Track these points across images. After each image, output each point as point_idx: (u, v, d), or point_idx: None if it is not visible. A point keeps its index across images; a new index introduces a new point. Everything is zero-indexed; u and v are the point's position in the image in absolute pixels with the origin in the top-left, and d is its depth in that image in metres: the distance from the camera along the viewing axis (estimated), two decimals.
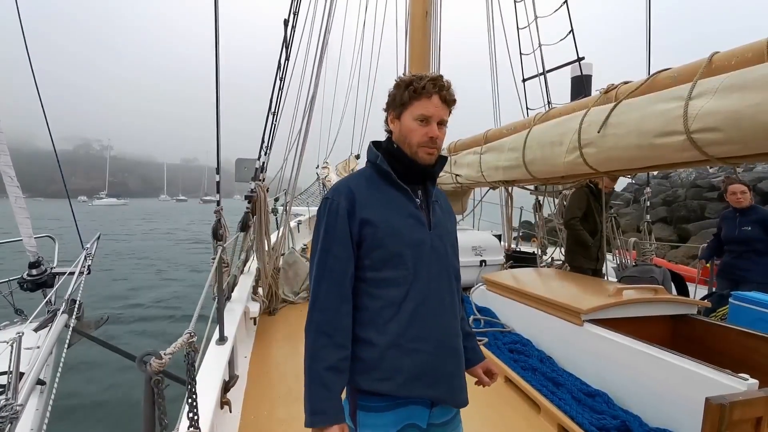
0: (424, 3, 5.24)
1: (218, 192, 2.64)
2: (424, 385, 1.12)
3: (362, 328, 1.14)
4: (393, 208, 1.16)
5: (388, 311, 1.12)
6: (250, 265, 4.20)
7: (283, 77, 4.25)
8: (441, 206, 1.27)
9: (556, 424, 2.12)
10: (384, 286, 1.13)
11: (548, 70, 5.63)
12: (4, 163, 2.57)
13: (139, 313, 8.84)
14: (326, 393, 1.06)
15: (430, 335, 1.13)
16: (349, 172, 10.31)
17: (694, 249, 9.89)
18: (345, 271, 1.12)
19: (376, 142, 1.27)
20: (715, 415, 1.22)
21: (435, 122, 1.15)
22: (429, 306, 1.14)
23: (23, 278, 2.86)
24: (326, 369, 1.07)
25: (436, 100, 1.14)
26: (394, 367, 1.11)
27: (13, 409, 1.26)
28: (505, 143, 3.49)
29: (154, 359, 1.23)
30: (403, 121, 1.17)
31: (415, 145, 1.15)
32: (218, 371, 2.12)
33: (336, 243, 1.12)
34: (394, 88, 1.19)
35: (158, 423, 1.23)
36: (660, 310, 2.58)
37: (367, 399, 1.14)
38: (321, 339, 1.09)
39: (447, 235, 1.23)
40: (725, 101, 1.71)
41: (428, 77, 1.14)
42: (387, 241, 1.12)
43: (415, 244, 1.14)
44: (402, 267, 1.13)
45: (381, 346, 1.11)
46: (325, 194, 1.25)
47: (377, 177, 1.20)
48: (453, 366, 1.18)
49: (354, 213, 1.12)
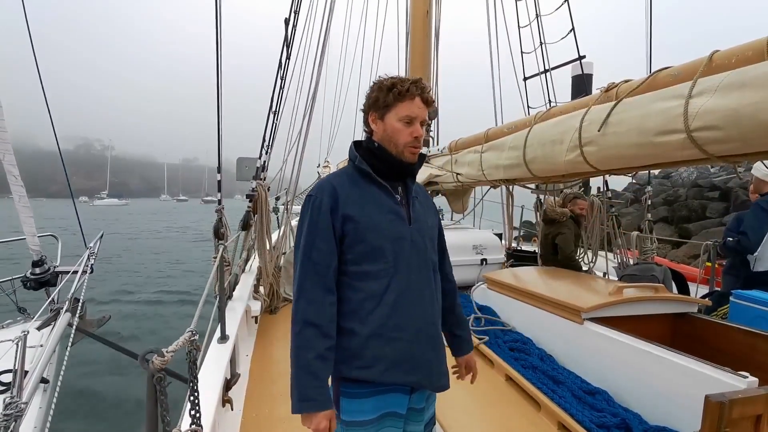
0: (424, 2, 5.24)
1: (219, 191, 2.66)
2: (403, 371, 1.19)
3: (345, 319, 1.19)
4: (374, 204, 1.21)
5: (370, 303, 1.18)
6: (251, 264, 4.21)
7: (284, 76, 4.25)
8: (421, 202, 1.32)
9: (556, 421, 2.12)
10: (366, 279, 1.19)
11: (550, 69, 5.63)
12: (9, 162, 2.59)
13: (142, 310, 8.87)
14: (314, 381, 1.11)
15: (409, 325, 1.20)
16: None
17: (696, 249, 9.89)
18: (328, 264, 1.17)
19: (357, 142, 1.32)
20: (715, 413, 1.22)
21: (418, 122, 1.21)
22: (409, 297, 1.20)
23: (26, 277, 2.88)
24: (314, 358, 1.12)
25: (419, 102, 1.21)
26: (376, 356, 1.17)
27: (18, 407, 1.28)
28: (505, 142, 3.49)
29: (156, 357, 1.24)
30: (387, 122, 1.22)
31: (401, 144, 1.21)
32: (220, 369, 2.13)
33: (319, 237, 1.17)
34: (375, 91, 1.24)
35: (161, 420, 1.24)
36: (660, 308, 2.59)
37: (349, 386, 1.20)
38: (308, 329, 1.13)
39: (427, 229, 1.29)
40: (725, 100, 1.71)
41: (409, 80, 1.21)
42: (368, 236, 1.18)
43: (395, 239, 1.20)
44: (382, 261, 1.18)
45: (363, 336, 1.17)
46: (308, 192, 1.30)
47: (359, 175, 1.25)
48: (432, 353, 1.25)
49: (337, 209, 1.18)
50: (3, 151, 2.52)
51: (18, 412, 1.27)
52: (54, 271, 2.98)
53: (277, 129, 4.22)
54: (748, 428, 1.26)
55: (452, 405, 1.35)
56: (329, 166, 10.90)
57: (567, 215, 4.01)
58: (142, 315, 8.59)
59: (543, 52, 5.70)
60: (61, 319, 2.29)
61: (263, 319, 3.77)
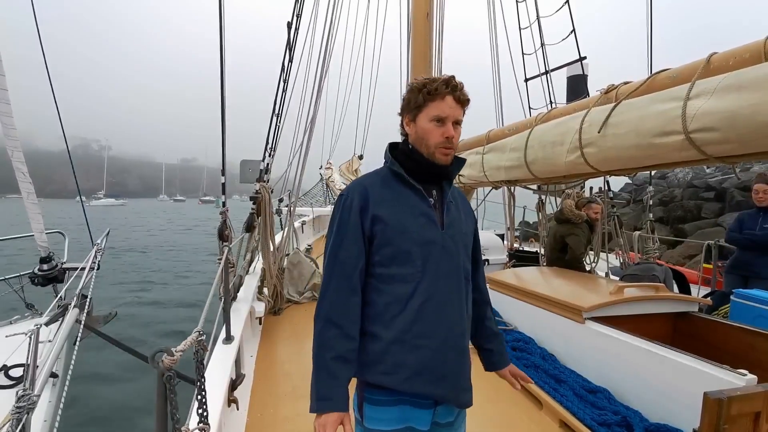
0: (425, 4, 5.26)
1: (224, 193, 2.68)
2: (426, 381, 1.14)
3: (369, 322, 1.17)
4: (404, 206, 1.18)
5: (395, 307, 1.15)
6: (255, 266, 4.23)
7: (286, 79, 4.27)
8: (458, 207, 1.27)
9: (558, 420, 2.15)
10: (392, 282, 1.16)
11: (551, 70, 5.66)
12: (17, 159, 2.62)
13: (147, 312, 8.90)
14: (332, 381, 1.10)
15: (435, 333, 1.14)
16: (353, 173, 10.36)
17: (691, 249, 9.90)
18: (355, 265, 1.15)
19: (393, 143, 1.29)
20: (714, 410, 1.23)
21: (450, 122, 1.16)
22: (435, 304, 1.15)
23: (34, 273, 2.90)
24: (333, 358, 1.10)
25: (450, 101, 1.15)
26: (398, 362, 1.13)
27: (31, 399, 1.30)
28: (507, 143, 3.52)
29: (166, 356, 1.26)
30: (418, 124, 1.19)
31: (432, 146, 1.17)
32: (225, 370, 2.16)
33: (348, 238, 1.15)
34: (408, 93, 1.22)
35: (170, 418, 1.26)
36: (661, 307, 2.61)
37: (373, 392, 1.17)
38: (329, 329, 1.12)
39: (460, 235, 1.23)
40: (723, 101, 1.73)
41: (441, 79, 1.16)
42: (396, 239, 1.15)
43: (424, 243, 1.16)
44: (410, 264, 1.15)
45: (386, 341, 1.14)
46: (341, 191, 1.28)
47: (391, 177, 1.22)
48: (457, 365, 1.19)
49: (367, 209, 1.15)
50: (12, 148, 2.56)
51: (31, 405, 1.29)
52: (61, 268, 3.01)
53: (281, 131, 4.24)
54: (746, 425, 1.27)
55: None
56: (331, 167, 10.89)
57: (583, 218, 4.02)
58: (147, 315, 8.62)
59: (543, 53, 5.73)
60: (70, 315, 2.31)
61: (267, 320, 3.79)
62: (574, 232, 3.99)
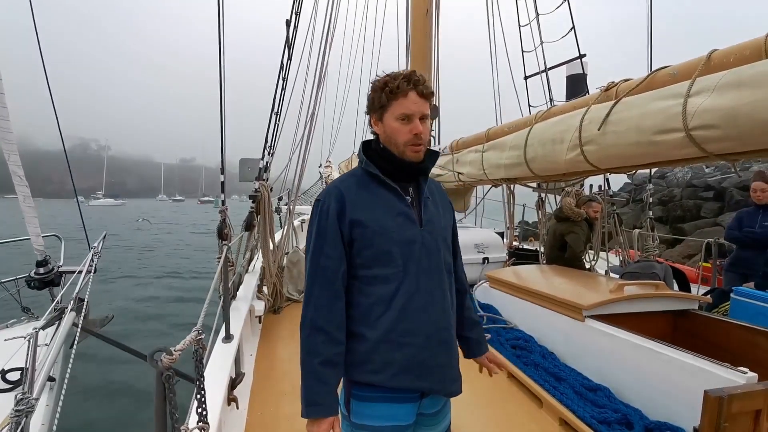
0: (424, 2, 5.25)
1: (223, 192, 2.67)
2: (414, 377, 1.16)
3: (355, 324, 1.18)
4: (382, 207, 1.18)
5: (379, 307, 1.16)
6: (254, 264, 4.23)
7: (285, 77, 4.26)
8: (435, 202, 1.28)
9: (558, 418, 2.15)
10: (375, 283, 1.17)
11: (550, 67, 5.65)
12: (14, 163, 2.61)
13: (145, 310, 8.89)
14: (321, 386, 1.12)
15: (419, 329, 1.17)
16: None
17: (690, 248, 9.91)
18: (337, 269, 1.16)
19: (366, 142, 1.28)
20: (714, 408, 1.24)
21: (417, 118, 1.15)
22: (419, 302, 1.17)
23: (30, 276, 2.89)
24: (321, 363, 1.12)
25: (414, 97, 1.13)
26: (385, 361, 1.15)
27: (29, 402, 1.29)
28: (506, 141, 3.52)
29: (165, 355, 1.25)
30: (386, 123, 1.18)
31: (401, 144, 1.17)
32: (225, 368, 2.15)
33: (327, 243, 1.16)
34: (371, 92, 1.20)
35: (169, 417, 1.26)
36: (661, 305, 2.61)
37: (360, 389, 1.19)
38: (315, 335, 1.13)
39: (439, 230, 1.25)
40: (723, 98, 1.73)
41: (402, 75, 1.15)
42: (376, 241, 1.15)
43: (404, 242, 1.17)
44: (391, 265, 1.16)
45: (373, 341, 1.15)
46: (317, 196, 1.28)
47: (367, 178, 1.22)
48: (444, 358, 1.21)
49: (344, 214, 1.16)
50: (8, 151, 2.55)
51: (29, 408, 1.29)
52: (58, 271, 3.00)
53: (281, 130, 4.23)
54: (747, 423, 1.28)
55: (454, 402, 1.36)
56: (330, 165, 10.90)
57: (583, 216, 4.02)
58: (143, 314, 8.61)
59: (542, 51, 5.73)
60: (66, 319, 2.31)
61: (267, 318, 3.79)
62: (574, 230, 3.99)
